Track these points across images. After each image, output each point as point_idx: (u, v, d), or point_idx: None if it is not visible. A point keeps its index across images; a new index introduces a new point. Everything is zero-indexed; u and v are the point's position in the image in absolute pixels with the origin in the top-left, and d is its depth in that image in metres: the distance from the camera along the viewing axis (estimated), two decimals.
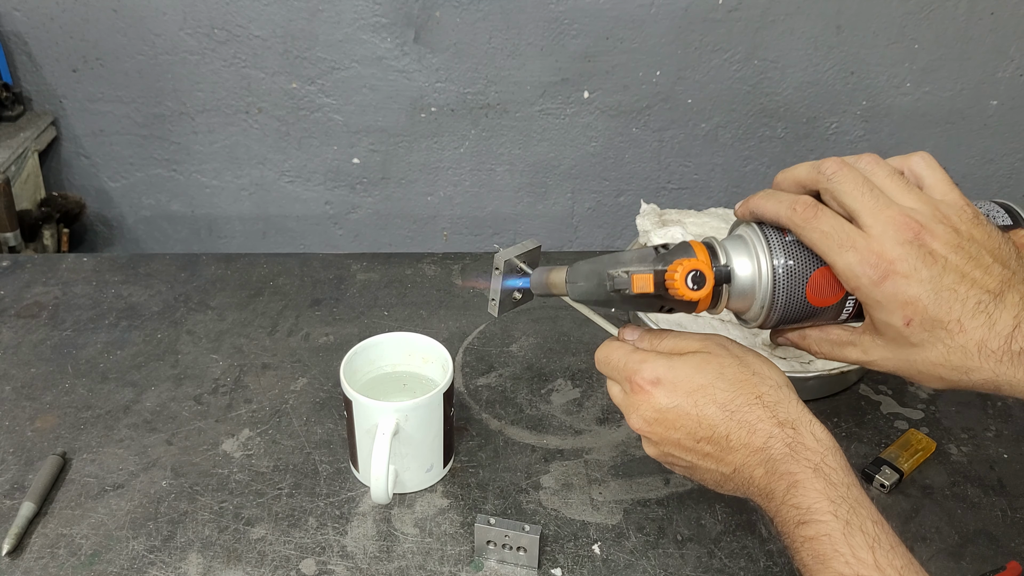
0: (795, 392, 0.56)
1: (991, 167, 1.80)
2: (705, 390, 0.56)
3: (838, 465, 0.53)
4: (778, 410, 0.55)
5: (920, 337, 0.51)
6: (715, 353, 0.57)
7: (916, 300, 0.50)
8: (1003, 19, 1.63)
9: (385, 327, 0.94)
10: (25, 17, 1.63)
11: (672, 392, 0.56)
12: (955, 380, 0.52)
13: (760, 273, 0.54)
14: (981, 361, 0.50)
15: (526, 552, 0.68)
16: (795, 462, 0.53)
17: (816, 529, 0.50)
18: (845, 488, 0.51)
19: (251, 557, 0.69)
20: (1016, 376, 0.50)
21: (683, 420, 0.56)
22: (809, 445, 0.53)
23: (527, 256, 0.67)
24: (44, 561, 0.68)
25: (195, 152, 1.78)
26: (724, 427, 0.55)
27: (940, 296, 0.50)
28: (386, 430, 0.69)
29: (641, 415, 0.57)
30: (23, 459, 0.77)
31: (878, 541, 0.49)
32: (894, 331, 0.52)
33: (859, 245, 0.51)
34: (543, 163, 1.80)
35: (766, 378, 0.56)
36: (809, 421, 0.54)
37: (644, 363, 0.57)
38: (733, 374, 0.56)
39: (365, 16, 1.63)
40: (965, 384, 0.52)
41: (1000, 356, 0.50)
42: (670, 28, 1.64)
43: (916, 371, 0.53)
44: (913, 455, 0.79)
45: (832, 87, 1.70)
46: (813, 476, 0.52)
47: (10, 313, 0.96)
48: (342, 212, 1.86)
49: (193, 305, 0.99)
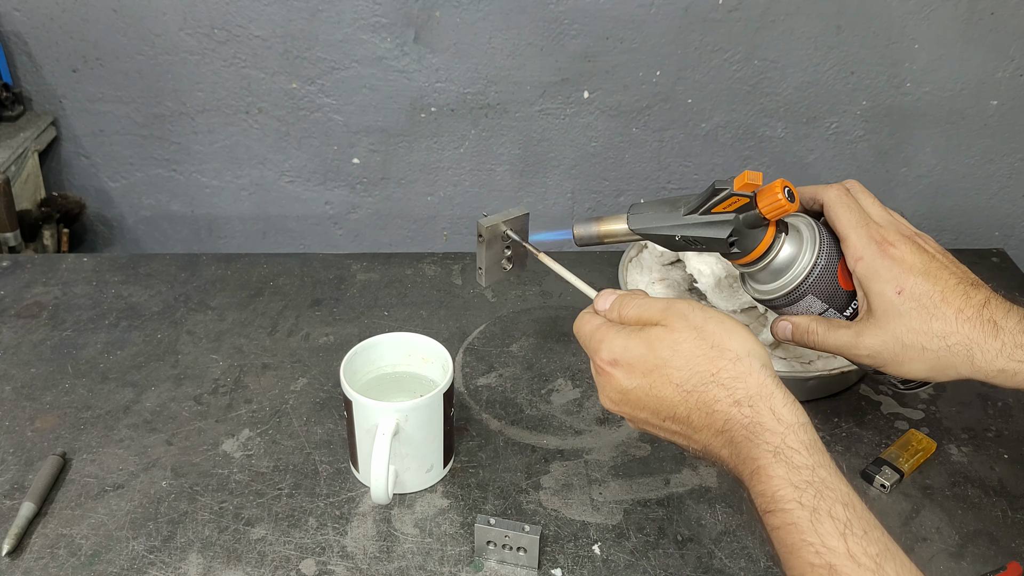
0: (760, 360, 0.54)
1: (991, 167, 1.80)
2: (661, 370, 0.54)
3: (801, 444, 0.50)
4: (735, 388, 0.52)
5: (908, 306, 0.59)
6: (672, 327, 0.55)
7: (910, 270, 0.60)
8: (1003, 19, 1.63)
9: (385, 327, 0.94)
10: (25, 17, 1.63)
11: (630, 373, 0.55)
12: (935, 349, 0.58)
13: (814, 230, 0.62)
14: (958, 326, 0.58)
15: (526, 552, 0.68)
16: (755, 446, 0.51)
17: (782, 518, 0.48)
18: (809, 471, 0.49)
19: (251, 557, 0.69)
20: (988, 342, 0.58)
21: (645, 400, 0.55)
22: (768, 426, 0.51)
23: (514, 223, 0.67)
24: (44, 561, 0.68)
25: (195, 152, 1.78)
26: (684, 408, 0.54)
27: (928, 273, 0.60)
28: (386, 430, 0.69)
29: (607, 395, 0.57)
30: (23, 459, 0.77)
31: (849, 526, 0.47)
32: (886, 302, 0.60)
33: (871, 226, 0.62)
34: (543, 163, 1.80)
35: (725, 351, 0.53)
36: (769, 395, 0.52)
37: (602, 343, 0.57)
38: (689, 350, 0.54)
39: (365, 16, 1.63)
40: (944, 356, 0.58)
41: (974, 322, 0.58)
42: (670, 28, 1.64)
43: (901, 345, 0.59)
44: (913, 455, 0.79)
45: (832, 87, 1.70)
46: (774, 461, 0.50)
47: (10, 313, 0.96)
48: (342, 212, 1.86)
49: (193, 305, 0.99)
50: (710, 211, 0.60)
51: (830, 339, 0.62)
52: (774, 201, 0.58)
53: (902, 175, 1.81)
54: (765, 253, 0.62)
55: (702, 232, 0.61)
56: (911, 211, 1.86)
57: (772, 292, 0.64)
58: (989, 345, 0.58)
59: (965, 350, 0.59)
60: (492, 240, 0.66)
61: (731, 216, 0.60)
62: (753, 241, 0.61)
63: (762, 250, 0.62)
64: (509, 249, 0.68)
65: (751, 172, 0.59)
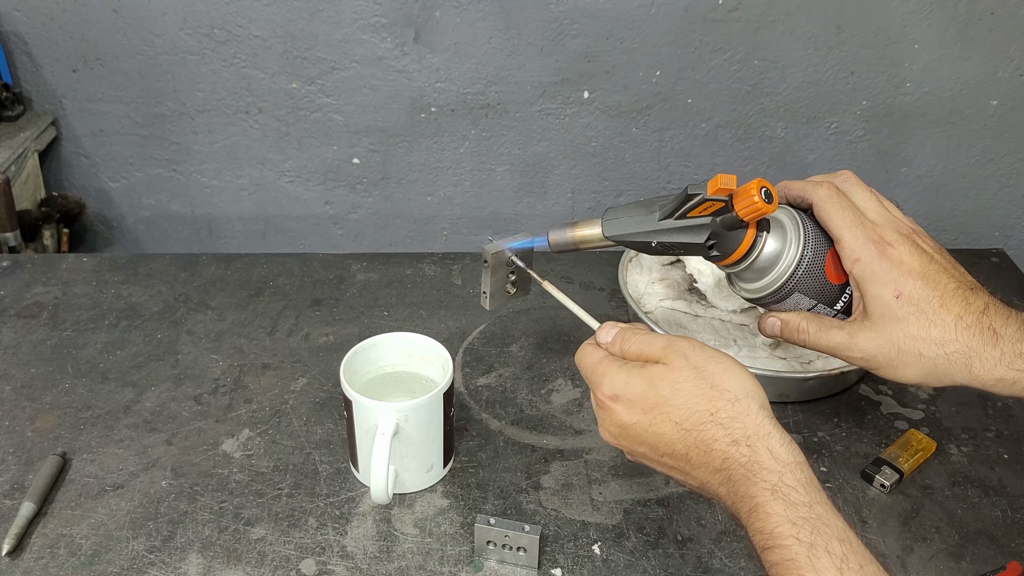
0: (758, 401, 0.54)
1: (991, 167, 1.80)
2: (660, 408, 0.55)
3: (798, 483, 0.51)
4: (733, 427, 0.53)
5: (906, 311, 0.57)
6: (673, 365, 0.55)
7: (908, 273, 0.58)
8: (1003, 19, 1.63)
9: (385, 327, 0.94)
10: (25, 17, 1.63)
11: (630, 409, 0.56)
12: (932, 356, 0.57)
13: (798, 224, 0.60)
14: (957, 333, 0.57)
15: (526, 552, 0.68)
16: (753, 484, 0.51)
17: (780, 555, 0.49)
18: (807, 508, 0.50)
19: (251, 557, 0.69)
20: (987, 351, 0.56)
21: (644, 436, 0.56)
22: (766, 464, 0.51)
23: (519, 251, 0.67)
24: (44, 561, 0.68)
25: (195, 152, 1.78)
26: (682, 446, 0.54)
27: (927, 277, 0.58)
28: (386, 430, 0.69)
29: (607, 429, 0.58)
30: (23, 459, 0.77)
31: (845, 561, 0.48)
32: (884, 306, 0.58)
33: (867, 225, 0.60)
34: (543, 163, 1.80)
35: (723, 391, 0.54)
36: (767, 435, 0.52)
37: (604, 377, 0.57)
38: (689, 389, 0.54)
39: (365, 16, 1.63)
40: (941, 364, 0.57)
41: (974, 330, 0.57)
42: (670, 28, 1.64)
43: (897, 350, 0.58)
44: (913, 455, 0.79)
45: (832, 87, 1.70)
46: (772, 498, 0.50)
47: (10, 313, 0.96)
48: (342, 212, 1.86)
49: (193, 305, 0.99)
50: (685, 215, 0.59)
51: (822, 339, 0.61)
52: (750, 203, 0.57)
53: (902, 175, 1.81)
54: (747, 253, 0.61)
55: (679, 237, 0.60)
56: (911, 211, 1.86)
57: (760, 290, 0.62)
58: (988, 354, 0.57)
59: (964, 358, 0.57)
60: (497, 266, 0.66)
61: (707, 220, 0.59)
62: (733, 243, 0.60)
63: (744, 250, 0.60)
64: (514, 274, 0.68)
65: (724, 176, 0.57)
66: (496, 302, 0.68)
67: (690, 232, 0.59)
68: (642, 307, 0.92)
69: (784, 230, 0.61)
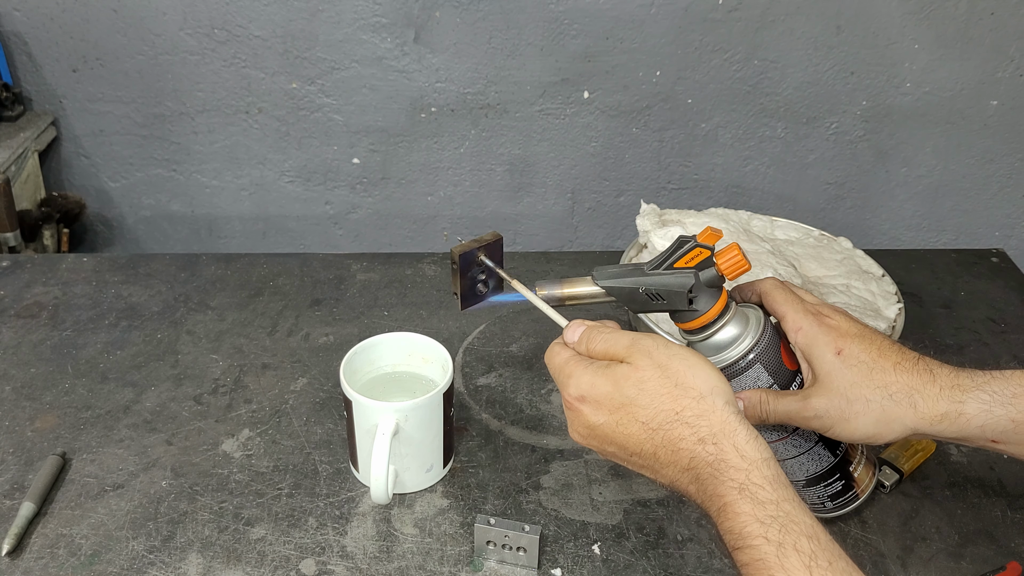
0: (723, 397, 0.54)
1: (991, 167, 1.80)
2: (626, 408, 0.55)
3: (765, 480, 0.51)
4: (699, 425, 0.53)
5: (848, 364, 0.62)
6: (637, 365, 0.56)
7: (846, 335, 0.63)
8: (1003, 19, 1.63)
9: (385, 327, 0.94)
10: (25, 17, 1.63)
11: (597, 410, 0.56)
12: (878, 400, 0.61)
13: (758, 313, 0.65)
14: (897, 376, 0.61)
15: (526, 552, 0.68)
16: (720, 483, 0.51)
17: (750, 555, 0.49)
18: (774, 505, 0.50)
19: (251, 557, 0.69)
20: (927, 388, 0.60)
21: (612, 436, 0.56)
22: (732, 462, 0.51)
23: (487, 249, 0.67)
24: (44, 561, 0.68)
25: (195, 152, 1.78)
26: (650, 445, 0.55)
27: (863, 336, 0.63)
28: (386, 430, 0.69)
29: (575, 429, 0.58)
30: (23, 459, 0.77)
31: (814, 558, 0.48)
32: (828, 364, 0.62)
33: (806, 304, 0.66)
34: (543, 163, 1.81)
35: (688, 389, 0.54)
36: (732, 432, 0.53)
37: (570, 378, 0.57)
38: (653, 388, 0.55)
39: (365, 16, 1.63)
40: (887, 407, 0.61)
41: (912, 372, 0.61)
42: (670, 28, 1.64)
43: (846, 401, 0.61)
44: (913, 455, 0.79)
45: (832, 87, 1.70)
46: (739, 497, 0.50)
47: (10, 313, 0.96)
48: (342, 212, 1.86)
49: (193, 305, 0.99)
50: (672, 265, 0.62)
51: (780, 407, 0.63)
52: (732, 257, 0.61)
53: (902, 175, 1.81)
54: (713, 322, 0.63)
55: (664, 283, 0.62)
56: (911, 211, 1.86)
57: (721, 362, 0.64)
58: (928, 391, 0.60)
59: (907, 398, 0.61)
60: (467, 267, 0.67)
61: (691, 272, 0.62)
62: (707, 304, 0.62)
63: (713, 315, 0.63)
64: (484, 274, 0.69)
65: (712, 228, 0.62)
66: (468, 303, 0.69)
67: (675, 279, 0.62)
68: None
69: (747, 318, 0.65)
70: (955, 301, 1.04)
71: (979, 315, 1.01)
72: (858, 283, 0.96)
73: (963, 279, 1.08)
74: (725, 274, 0.62)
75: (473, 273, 0.68)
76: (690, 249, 0.62)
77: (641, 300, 0.63)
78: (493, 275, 0.69)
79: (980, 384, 0.60)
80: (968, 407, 0.60)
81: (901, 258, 1.11)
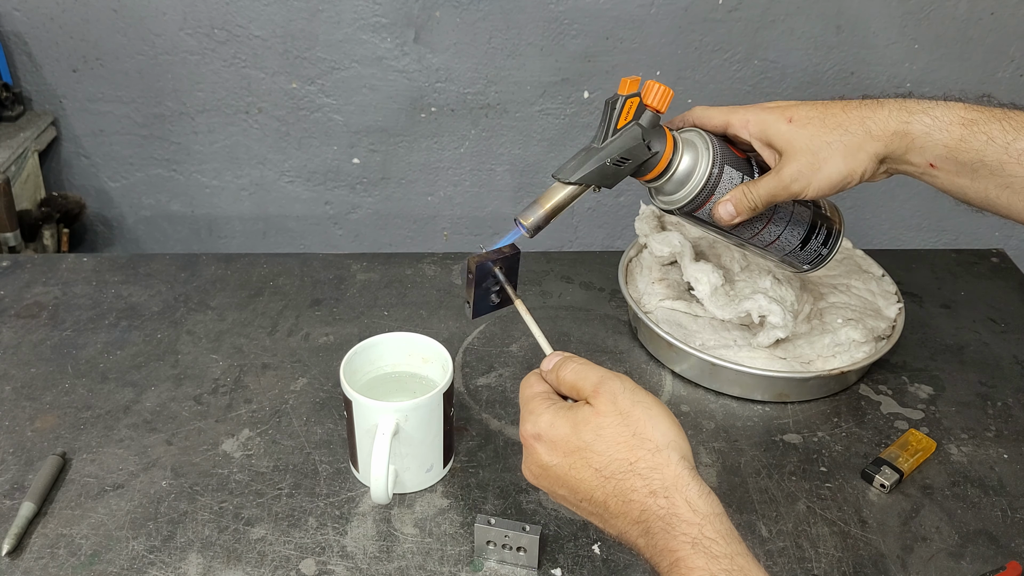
0: (679, 452, 0.53)
1: None
2: (581, 453, 0.54)
3: (718, 534, 0.50)
4: (652, 478, 0.52)
5: (801, 124, 0.68)
6: (599, 409, 0.55)
7: (791, 105, 0.70)
8: (1003, 19, 1.63)
9: (385, 327, 0.94)
10: (25, 17, 1.63)
11: (552, 451, 0.55)
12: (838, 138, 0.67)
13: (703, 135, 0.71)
14: (847, 113, 0.67)
15: (526, 552, 0.68)
16: (672, 537, 0.50)
17: None
18: (728, 559, 0.49)
19: (251, 557, 0.69)
20: (875, 113, 0.67)
21: (564, 479, 0.55)
22: (684, 516, 0.51)
23: (503, 262, 0.67)
24: (44, 561, 0.68)
25: (195, 152, 1.78)
26: (600, 493, 0.54)
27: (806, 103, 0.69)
28: (386, 430, 0.69)
29: (528, 467, 0.58)
30: (23, 459, 0.77)
31: None
32: (785, 133, 0.68)
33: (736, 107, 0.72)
34: (543, 163, 1.80)
35: (645, 440, 0.53)
36: (684, 487, 0.52)
37: (531, 415, 0.57)
38: (611, 435, 0.54)
39: (365, 16, 1.63)
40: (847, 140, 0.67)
41: (859, 107, 0.67)
42: (670, 28, 1.64)
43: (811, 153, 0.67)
44: (913, 455, 0.79)
45: (832, 87, 1.70)
46: (692, 552, 0.50)
47: (10, 313, 0.96)
48: (342, 212, 1.86)
49: (193, 305, 0.99)
50: (616, 128, 0.67)
51: (761, 190, 0.69)
52: (656, 90, 0.66)
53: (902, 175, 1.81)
54: (672, 157, 0.69)
55: (621, 145, 0.67)
56: (911, 211, 1.86)
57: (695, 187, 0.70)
58: (878, 115, 0.67)
59: (861, 125, 0.67)
60: (482, 277, 0.67)
61: (633, 123, 0.67)
62: (660, 143, 0.68)
63: (670, 152, 0.69)
64: (498, 286, 0.69)
65: (627, 78, 0.67)
66: (479, 311, 0.69)
67: (626, 136, 0.67)
68: (642, 307, 0.92)
69: (691, 140, 0.71)
70: (955, 301, 1.04)
71: (979, 315, 1.01)
72: (858, 283, 0.96)
73: (963, 279, 1.08)
74: (659, 109, 0.67)
75: (487, 284, 0.68)
76: (623, 105, 0.67)
77: (611, 172, 0.68)
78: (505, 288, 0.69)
79: (925, 108, 0.66)
80: (913, 127, 0.66)
81: (901, 258, 1.11)
